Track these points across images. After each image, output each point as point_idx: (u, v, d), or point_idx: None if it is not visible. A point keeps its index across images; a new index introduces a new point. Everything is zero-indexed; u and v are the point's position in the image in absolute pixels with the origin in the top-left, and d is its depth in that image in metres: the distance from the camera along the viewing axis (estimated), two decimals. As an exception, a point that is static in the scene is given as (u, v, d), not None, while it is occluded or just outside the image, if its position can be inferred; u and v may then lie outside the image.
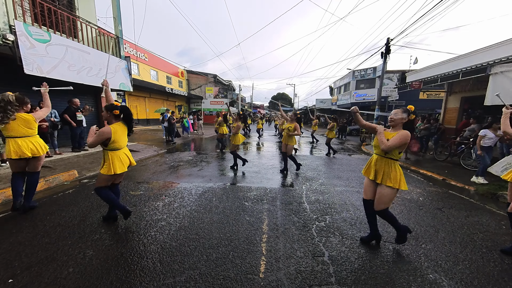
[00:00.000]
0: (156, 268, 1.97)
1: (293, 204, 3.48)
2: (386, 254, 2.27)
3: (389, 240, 2.55)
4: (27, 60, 4.84)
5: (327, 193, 4.07)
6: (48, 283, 1.76)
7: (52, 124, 5.70)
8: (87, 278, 1.82)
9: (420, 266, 2.11)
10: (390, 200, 2.22)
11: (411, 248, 2.41)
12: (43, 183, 3.97)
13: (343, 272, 1.98)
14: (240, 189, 4.14)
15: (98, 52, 6.85)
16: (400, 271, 2.03)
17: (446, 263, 2.17)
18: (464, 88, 8.67)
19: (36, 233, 2.49)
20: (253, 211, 3.18)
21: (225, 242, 2.39)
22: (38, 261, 2.01)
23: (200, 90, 26.72)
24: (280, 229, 2.71)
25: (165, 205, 3.34)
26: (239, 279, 1.86)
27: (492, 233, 2.80)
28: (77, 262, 2.01)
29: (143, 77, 17.23)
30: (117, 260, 2.06)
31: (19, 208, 2.90)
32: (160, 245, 2.31)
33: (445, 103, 9.92)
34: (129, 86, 8.25)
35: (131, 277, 1.85)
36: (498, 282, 1.94)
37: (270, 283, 1.83)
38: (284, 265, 2.05)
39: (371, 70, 21.13)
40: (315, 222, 2.93)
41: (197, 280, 1.84)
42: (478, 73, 6.06)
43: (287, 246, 2.35)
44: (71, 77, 5.90)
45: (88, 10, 7.39)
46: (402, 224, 2.35)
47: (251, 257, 2.15)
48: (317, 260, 2.15)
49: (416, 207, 3.55)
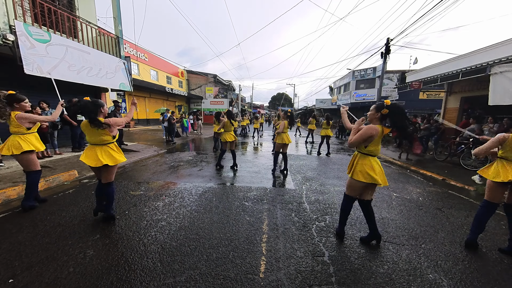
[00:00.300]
0: (157, 268, 1.97)
1: (293, 204, 3.49)
2: (386, 254, 2.28)
3: (389, 240, 2.56)
4: (27, 60, 4.85)
5: (327, 193, 4.08)
6: (49, 283, 1.77)
7: (52, 124, 5.70)
8: (88, 278, 1.83)
9: (420, 266, 2.11)
10: (349, 187, 2.43)
11: (411, 248, 2.42)
12: (43, 183, 3.97)
13: (343, 272, 1.99)
14: (240, 189, 4.15)
15: (98, 52, 6.86)
16: (400, 270, 2.04)
17: (445, 263, 2.17)
18: (464, 88, 8.68)
19: (37, 233, 2.49)
20: (253, 211, 3.18)
21: (225, 242, 2.39)
22: (39, 261, 2.02)
23: (200, 90, 26.72)
24: (280, 229, 2.72)
25: (165, 205, 3.35)
26: (239, 279, 1.87)
27: (491, 233, 2.80)
28: (77, 262, 2.01)
29: (143, 77, 17.23)
30: (118, 260, 2.07)
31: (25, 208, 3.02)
32: (161, 245, 2.31)
33: (445, 103, 9.93)
34: (129, 86, 8.25)
35: (132, 276, 1.86)
36: (498, 282, 1.94)
37: (270, 283, 1.84)
38: (284, 265, 2.05)
39: (371, 70, 21.15)
40: (315, 222, 2.93)
41: (197, 280, 1.84)
42: (478, 73, 6.07)
43: (287, 246, 2.36)
44: (71, 77, 5.91)
45: (88, 10, 7.39)
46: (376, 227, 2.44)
47: (251, 257, 2.16)
48: (317, 260, 2.15)
49: (416, 207, 3.55)
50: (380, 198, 3.90)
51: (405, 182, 5.04)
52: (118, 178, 4.66)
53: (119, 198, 3.56)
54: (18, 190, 3.57)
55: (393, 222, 2.99)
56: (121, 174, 4.99)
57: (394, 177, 5.40)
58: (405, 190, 4.41)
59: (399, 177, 5.44)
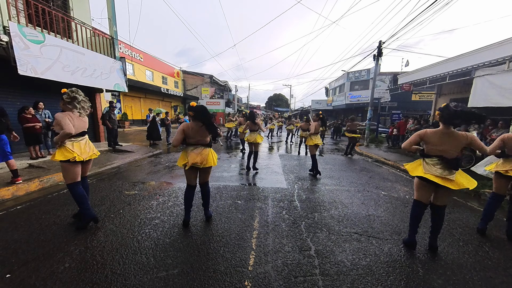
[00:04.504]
0: (150, 262, 2.06)
1: (284, 202, 3.60)
2: (369, 248, 2.41)
3: (373, 235, 2.69)
4: (21, 61, 4.86)
5: (317, 191, 4.21)
6: (45, 278, 1.84)
7: (46, 124, 5.70)
8: (83, 273, 1.90)
9: (400, 259, 2.25)
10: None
11: (393, 242, 2.55)
12: (37, 183, 4.00)
13: (327, 265, 2.11)
14: (233, 188, 4.24)
15: (92, 53, 6.88)
16: (381, 263, 2.17)
17: (424, 256, 2.31)
18: (452, 90, 8.97)
19: (32, 231, 2.54)
20: (245, 209, 3.29)
21: (216, 238, 2.49)
22: (35, 258, 2.08)
23: (196, 90, 26.71)
24: (270, 226, 2.83)
25: (159, 204, 3.42)
26: (229, 272, 1.97)
27: (470, 228, 2.97)
28: (73, 258, 2.09)
29: (138, 78, 17.18)
30: (112, 255, 2.14)
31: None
32: (154, 241, 2.40)
33: (435, 104, 10.21)
34: (124, 87, 8.27)
35: (126, 271, 1.94)
36: (470, 271, 2.09)
37: (258, 275, 1.94)
38: (272, 259, 2.16)
39: (365, 71, 21.49)
40: (305, 219, 3.05)
41: (188, 273, 1.93)
42: (464, 76, 6.31)
43: (276, 242, 2.47)
44: (66, 78, 5.92)
45: (83, 11, 7.40)
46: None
47: (241, 251, 2.26)
48: (304, 254, 2.27)
49: (401, 205, 3.71)
50: (369, 196, 4.05)
51: (394, 181, 5.21)
52: (112, 178, 4.71)
53: (114, 198, 3.62)
54: (12, 190, 3.60)
55: (378, 219, 3.13)
56: (116, 174, 5.03)
57: (384, 176, 5.57)
58: (393, 189, 4.58)
59: (389, 176, 5.61)
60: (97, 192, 3.83)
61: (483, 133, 6.20)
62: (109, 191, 3.91)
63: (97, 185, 4.23)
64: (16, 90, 5.89)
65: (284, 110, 55.33)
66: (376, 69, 11.22)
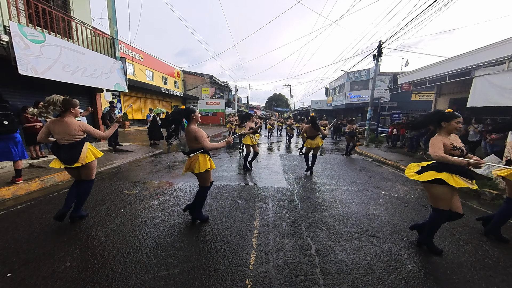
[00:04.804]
0: (151, 261, 2.06)
1: (284, 202, 3.61)
2: (370, 247, 2.41)
3: (373, 234, 2.69)
4: (22, 60, 4.86)
5: (318, 191, 4.21)
6: (46, 277, 1.84)
7: (46, 124, 5.70)
8: (85, 272, 1.91)
9: (400, 258, 2.25)
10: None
11: (393, 241, 2.56)
12: (38, 183, 4.00)
13: (328, 264, 2.11)
14: (233, 188, 4.25)
15: (93, 53, 6.88)
16: (382, 262, 2.17)
17: (424, 255, 2.32)
18: (452, 90, 8.98)
19: (33, 231, 2.55)
20: (246, 209, 3.29)
21: (217, 238, 2.49)
22: (36, 257, 2.08)
23: (196, 90, 26.72)
24: (271, 225, 2.83)
25: (160, 203, 3.43)
26: (230, 271, 1.97)
27: (470, 228, 2.97)
28: (74, 257, 2.09)
29: (139, 78, 17.18)
30: (113, 254, 2.15)
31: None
32: (155, 240, 2.40)
33: (434, 104, 10.23)
34: (124, 87, 8.27)
35: (127, 270, 1.94)
36: (470, 270, 2.10)
37: (259, 274, 1.95)
38: (273, 258, 2.17)
39: (365, 71, 21.50)
40: (305, 218, 3.06)
41: (189, 272, 1.94)
42: (463, 76, 6.31)
43: (276, 241, 2.47)
44: (66, 78, 5.92)
45: (83, 11, 7.40)
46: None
47: (242, 251, 2.27)
48: (305, 253, 2.27)
49: (401, 204, 3.71)
50: (369, 195, 4.05)
51: (394, 180, 5.22)
52: (113, 178, 4.72)
53: (114, 197, 3.62)
54: (12, 190, 3.60)
55: (378, 218, 3.14)
56: (116, 174, 5.04)
57: (384, 176, 5.58)
58: (393, 188, 4.58)
59: (389, 176, 5.62)
60: (98, 192, 3.83)
61: (483, 133, 6.21)
62: (110, 191, 3.91)
63: (97, 184, 4.23)
64: (16, 90, 5.89)
65: (284, 110, 55.39)
66: (376, 69, 11.23)
